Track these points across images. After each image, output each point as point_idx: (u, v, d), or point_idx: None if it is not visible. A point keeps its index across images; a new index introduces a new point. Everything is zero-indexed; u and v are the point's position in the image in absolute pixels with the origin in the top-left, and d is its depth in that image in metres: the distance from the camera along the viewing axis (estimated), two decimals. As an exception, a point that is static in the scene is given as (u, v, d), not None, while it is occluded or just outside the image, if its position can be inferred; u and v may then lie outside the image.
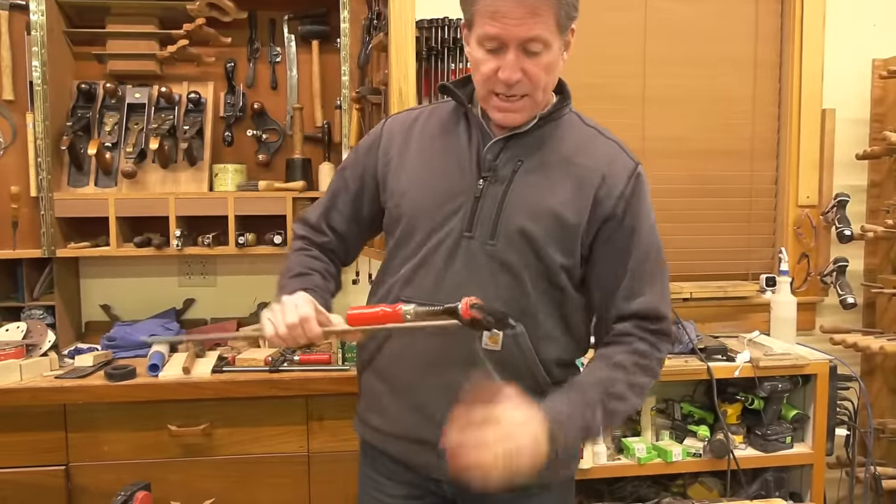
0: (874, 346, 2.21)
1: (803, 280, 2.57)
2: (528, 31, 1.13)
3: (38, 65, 2.04)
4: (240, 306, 2.40)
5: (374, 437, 1.37)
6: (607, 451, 2.11)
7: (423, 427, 1.27)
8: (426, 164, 1.30)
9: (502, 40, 1.15)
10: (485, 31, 1.15)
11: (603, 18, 2.46)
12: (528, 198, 1.23)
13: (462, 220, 1.24)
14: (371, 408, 1.37)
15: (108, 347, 2.09)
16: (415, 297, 1.24)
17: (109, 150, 2.19)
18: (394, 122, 1.39)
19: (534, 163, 1.25)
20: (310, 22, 2.34)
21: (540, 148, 1.26)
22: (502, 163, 1.25)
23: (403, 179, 1.31)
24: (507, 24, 1.13)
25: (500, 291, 1.23)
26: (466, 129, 1.29)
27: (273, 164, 2.37)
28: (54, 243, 2.08)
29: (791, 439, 2.18)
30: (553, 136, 1.27)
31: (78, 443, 1.85)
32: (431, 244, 1.26)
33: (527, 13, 1.12)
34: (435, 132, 1.32)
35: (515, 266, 1.23)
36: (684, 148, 2.55)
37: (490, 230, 1.23)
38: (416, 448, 1.29)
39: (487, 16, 1.14)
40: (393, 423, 1.32)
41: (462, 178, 1.26)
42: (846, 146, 2.57)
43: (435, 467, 1.28)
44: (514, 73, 1.16)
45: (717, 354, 2.17)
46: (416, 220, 1.27)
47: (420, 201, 1.28)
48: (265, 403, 1.90)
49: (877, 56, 2.56)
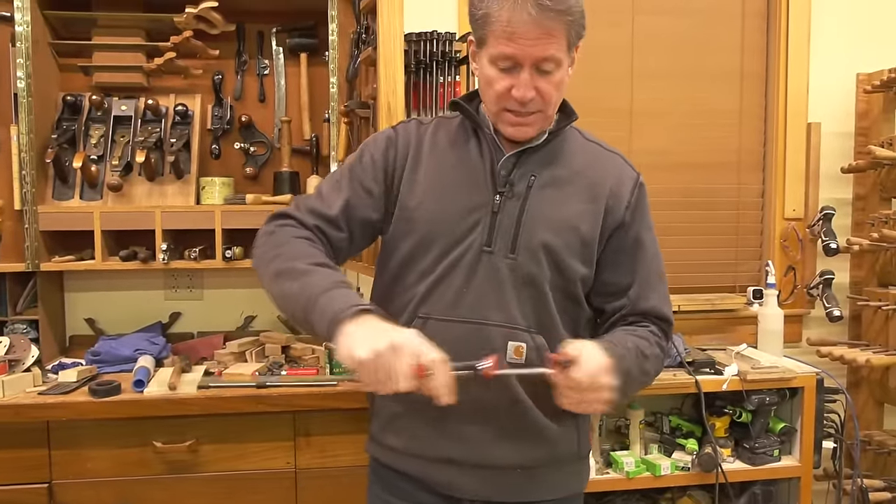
0: (860, 359, 2.23)
1: (790, 293, 2.58)
2: (543, 52, 1.17)
3: (22, 76, 2.02)
4: (227, 320, 2.38)
5: (390, 458, 1.36)
6: (596, 465, 2.11)
7: (444, 444, 1.29)
8: (438, 178, 1.30)
9: (517, 60, 1.18)
10: (500, 50, 1.18)
11: (591, 33, 2.43)
12: (545, 212, 1.27)
13: (481, 234, 1.26)
14: (387, 428, 1.35)
15: (93, 362, 2.06)
16: (434, 312, 1.26)
17: (95, 162, 2.17)
18: (406, 126, 1.37)
19: (547, 177, 1.29)
20: (298, 35, 2.33)
21: (551, 163, 1.30)
22: (517, 178, 1.28)
23: (416, 192, 1.30)
24: (524, 44, 1.16)
25: (524, 305, 1.26)
26: (477, 145, 1.32)
27: (261, 178, 2.36)
28: (38, 257, 2.06)
29: (779, 452, 2.18)
30: (562, 152, 1.32)
31: (61, 460, 1.82)
32: (450, 259, 1.26)
33: (542, 34, 1.15)
34: (445, 146, 1.33)
35: (538, 279, 1.26)
36: (672, 161, 2.56)
37: (510, 244, 1.25)
38: (438, 466, 1.30)
39: (504, 36, 1.16)
40: (412, 442, 1.32)
41: (478, 192, 1.28)
42: (831, 159, 2.59)
43: (457, 485, 1.30)
44: (528, 91, 1.20)
45: (706, 367, 2.17)
46: (434, 235, 1.27)
47: (436, 215, 1.28)
48: (252, 419, 1.87)
49: (861, 70, 2.59)
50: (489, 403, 1.27)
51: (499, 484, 1.31)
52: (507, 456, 1.29)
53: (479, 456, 1.29)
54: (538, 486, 1.33)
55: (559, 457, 1.34)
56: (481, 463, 1.29)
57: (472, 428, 1.28)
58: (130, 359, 2.04)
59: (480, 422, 1.28)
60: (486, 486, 1.30)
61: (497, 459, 1.29)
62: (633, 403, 2.20)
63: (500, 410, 1.28)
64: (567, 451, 1.35)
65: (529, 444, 1.30)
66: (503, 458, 1.29)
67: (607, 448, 2.19)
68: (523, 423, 1.29)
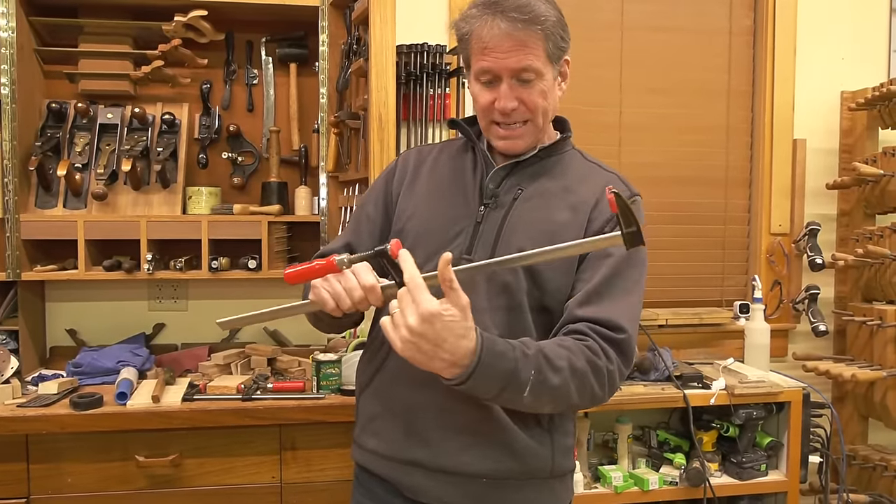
0: (846, 374, 2.24)
1: (776, 307, 2.59)
2: (518, 62, 1.21)
3: (6, 83, 1.99)
4: (212, 331, 2.34)
5: (368, 460, 1.35)
6: (584, 479, 2.10)
7: (412, 448, 1.28)
8: (433, 191, 1.36)
9: (495, 72, 1.23)
10: (479, 66, 1.24)
11: (580, 48, 2.47)
12: (526, 222, 1.28)
13: (463, 243, 1.28)
14: (366, 430, 1.36)
15: (74, 374, 2.02)
16: None
17: (79, 171, 2.14)
18: (409, 153, 1.46)
19: (534, 190, 1.31)
20: (287, 45, 2.32)
21: (540, 177, 1.32)
22: (504, 190, 1.31)
23: (410, 206, 1.36)
24: (498, 57, 1.21)
25: (495, 314, 1.25)
26: (472, 160, 1.37)
27: (248, 188, 2.34)
28: (19, 266, 2.02)
29: (766, 467, 2.19)
30: (555, 169, 1.33)
31: (40, 474, 1.78)
32: (429, 267, 1.25)
33: (515, 45, 1.20)
34: (444, 163, 1.39)
35: (512, 287, 1.25)
36: (659, 175, 2.58)
37: (489, 253, 1.26)
38: (406, 469, 1.29)
39: (479, 52, 1.23)
40: (386, 444, 1.31)
41: (465, 204, 1.32)
42: (816, 176, 2.62)
43: (423, 489, 1.28)
44: (509, 101, 1.23)
45: (693, 382, 2.17)
46: (420, 244, 1.29)
47: (424, 226, 1.32)
48: (237, 433, 1.85)
49: (845, 88, 2.62)
50: (460, 410, 1.24)
51: (464, 492, 1.27)
52: (473, 463, 1.26)
53: (445, 462, 1.26)
54: (505, 498, 1.28)
55: (530, 471, 1.29)
56: (447, 469, 1.26)
57: (442, 434, 1.26)
58: (113, 371, 2.00)
59: (451, 426, 1.25)
60: (450, 493, 1.27)
61: (463, 466, 1.26)
62: (620, 418, 2.19)
63: (470, 418, 1.24)
64: (538, 466, 1.29)
65: (497, 453, 1.26)
66: (469, 466, 1.26)
67: (595, 462, 2.18)
68: (492, 434, 1.25)
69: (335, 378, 1.95)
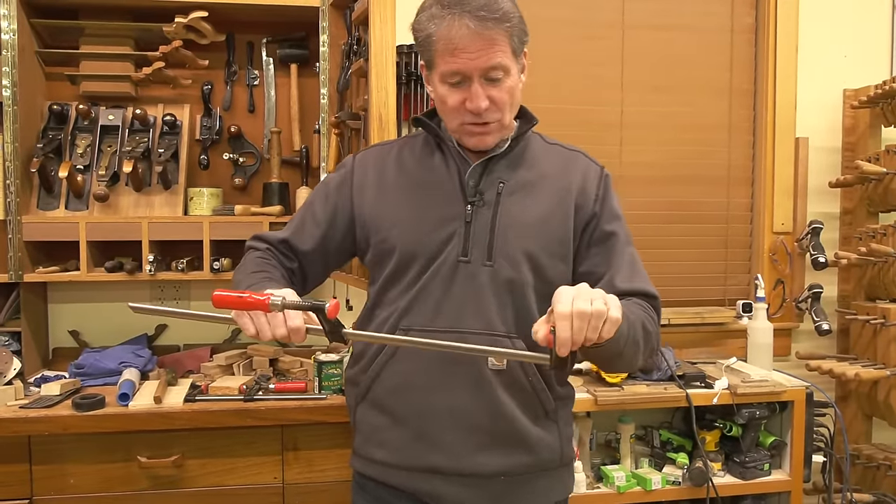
0: (850, 373, 2.23)
1: (779, 306, 2.59)
2: (488, 61, 1.20)
3: (8, 85, 1.99)
4: (213, 333, 2.35)
5: (375, 471, 1.35)
6: (587, 479, 2.09)
7: (427, 454, 1.29)
8: (409, 195, 1.33)
9: (465, 73, 1.21)
10: (448, 67, 1.21)
11: (582, 47, 2.48)
12: (517, 217, 1.29)
13: (457, 245, 1.28)
14: (371, 441, 1.35)
15: (77, 375, 2.02)
16: (414, 325, 1.28)
17: (81, 172, 2.14)
18: (365, 156, 1.41)
19: (515, 183, 1.32)
20: (288, 46, 2.32)
21: (517, 168, 1.33)
22: (486, 186, 1.31)
23: (388, 214, 1.33)
24: (468, 57, 1.19)
25: (504, 311, 1.27)
26: (443, 158, 1.34)
27: (250, 188, 2.34)
28: (22, 268, 2.03)
29: (769, 466, 2.18)
30: (525, 157, 1.35)
31: (43, 475, 1.78)
32: (429, 273, 1.28)
33: (484, 44, 1.19)
34: (411, 164, 1.36)
35: (517, 284, 1.27)
36: (661, 174, 2.57)
37: (486, 252, 1.27)
38: (423, 476, 1.30)
39: (447, 53, 1.20)
40: (397, 454, 1.32)
41: (449, 205, 1.30)
42: (819, 174, 2.61)
43: (441, 494, 1.30)
44: (481, 101, 1.22)
45: (696, 381, 2.16)
46: (412, 252, 1.29)
47: (411, 233, 1.30)
48: (239, 433, 1.85)
49: (848, 86, 2.61)
50: (472, 411, 1.27)
51: (483, 492, 1.31)
52: (490, 463, 1.29)
53: (463, 464, 1.29)
54: (522, 493, 1.33)
55: (542, 463, 1.34)
56: (465, 471, 1.29)
57: (456, 436, 1.28)
58: (115, 372, 2.01)
59: (464, 430, 1.28)
60: (470, 495, 1.30)
61: (481, 467, 1.29)
62: (623, 417, 2.19)
63: (483, 418, 1.28)
64: (549, 457, 1.35)
65: (512, 450, 1.30)
66: (486, 466, 1.29)
67: (598, 462, 2.18)
68: (506, 430, 1.29)
69: (337, 378, 1.95)
